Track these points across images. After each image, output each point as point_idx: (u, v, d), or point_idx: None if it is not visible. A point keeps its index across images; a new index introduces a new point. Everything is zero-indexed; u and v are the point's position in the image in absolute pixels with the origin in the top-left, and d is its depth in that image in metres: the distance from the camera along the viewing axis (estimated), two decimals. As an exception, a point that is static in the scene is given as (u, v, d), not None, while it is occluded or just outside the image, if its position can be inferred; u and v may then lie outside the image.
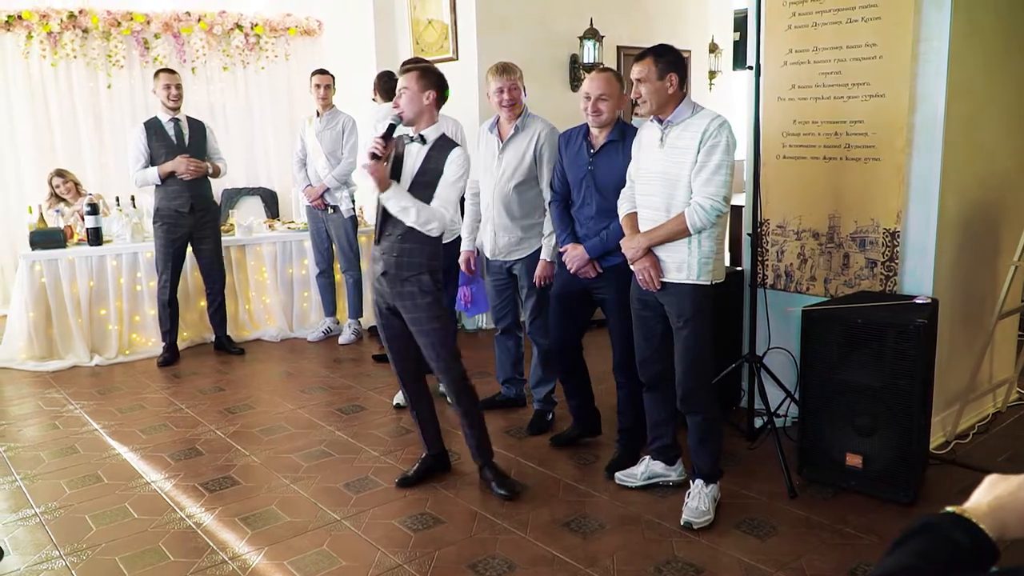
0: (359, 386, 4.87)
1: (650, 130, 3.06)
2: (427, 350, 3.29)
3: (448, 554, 2.90)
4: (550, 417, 4.11)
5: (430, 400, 3.57)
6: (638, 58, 2.97)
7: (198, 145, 5.29)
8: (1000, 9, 3.66)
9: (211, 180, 5.43)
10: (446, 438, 3.68)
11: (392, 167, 3.21)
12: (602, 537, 3.00)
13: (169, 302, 5.35)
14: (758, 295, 3.69)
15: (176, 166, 5.14)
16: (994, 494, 0.98)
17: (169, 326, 5.38)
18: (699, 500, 3.06)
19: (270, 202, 7.31)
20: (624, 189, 3.21)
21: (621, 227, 3.33)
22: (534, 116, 3.90)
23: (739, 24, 7.94)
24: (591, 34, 6.27)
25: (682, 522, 3.03)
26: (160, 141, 5.19)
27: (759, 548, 2.88)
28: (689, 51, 6.94)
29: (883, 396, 3.15)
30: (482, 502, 3.30)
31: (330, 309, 6.00)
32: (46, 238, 5.34)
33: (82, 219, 5.58)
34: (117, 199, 5.76)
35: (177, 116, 5.23)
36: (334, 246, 5.82)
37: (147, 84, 7.04)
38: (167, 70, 5.28)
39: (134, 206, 5.74)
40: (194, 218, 5.28)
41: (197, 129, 5.32)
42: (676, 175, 2.94)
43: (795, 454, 3.42)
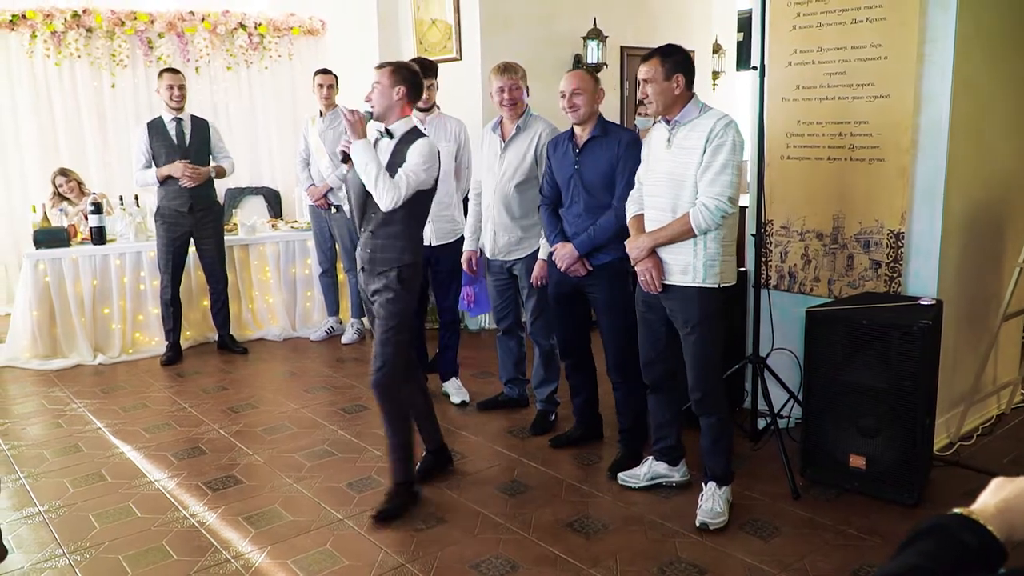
0: (362, 386, 4.87)
1: (658, 131, 3.06)
2: (377, 347, 3.23)
3: (451, 554, 2.90)
4: (553, 417, 4.11)
5: (424, 395, 3.52)
6: (645, 58, 2.97)
7: (200, 145, 5.29)
8: (1005, 9, 3.65)
9: (215, 179, 5.43)
10: (449, 437, 3.67)
11: None
12: (605, 538, 3.00)
13: (171, 301, 5.35)
14: (761, 296, 3.68)
15: (173, 170, 5.14)
16: (1001, 496, 0.98)
17: (172, 325, 5.38)
18: (713, 502, 3.05)
19: (273, 202, 7.31)
20: (632, 191, 3.21)
21: (609, 222, 3.35)
22: (536, 116, 3.90)
23: (743, 24, 7.93)
24: (595, 34, 6.27)
25: (698, 523, 3.02)
26: (161, 141, 5.20)
27: (762, 549, 2.88)
28: (693, 51, 6.93)
29: (887, 397, 3.14)
30: (485, 502, 3.29)
31: (333, 309, 6.00)
32: (50, 237, 5.35)
33: (86, 218, 5.59)
34: (121, 198, 5.76)
35: (180, 116, 5.23)
36: (337, 246, 5.82)
37: (151, 84, 7.05)
38: (170, 70, 5.28)
39: (137, 205, 5.75)
40: (194, 217, 5.29)
41: (200, 128, 5.32)
42: (682, 175, 2.93)
43: (798, 455, 3.41)
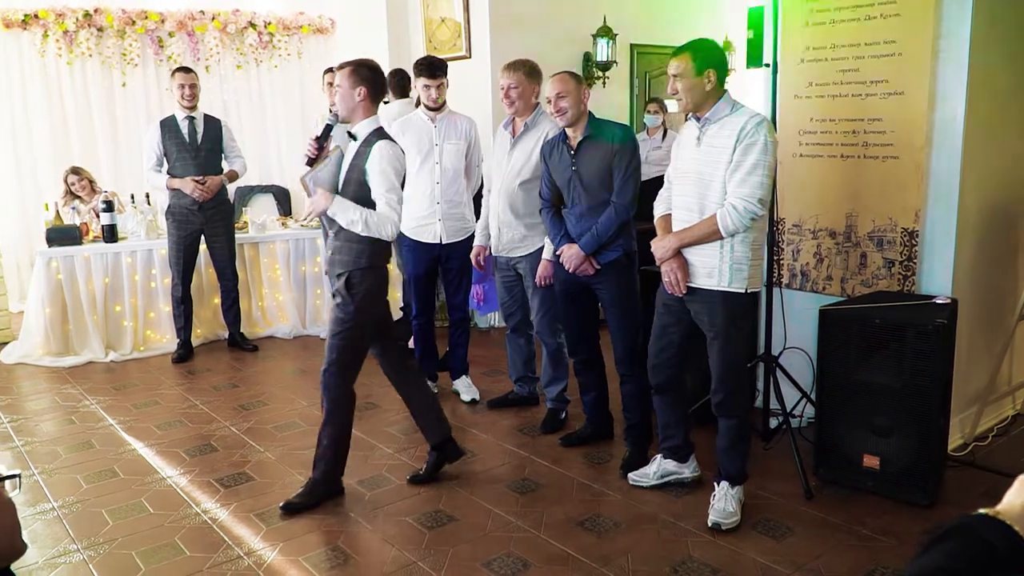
0: (372, 383, 4.85)
1: (688, 128, 3.01)
2: (325, 352, 3.23)
3: (462, 552, 2.90)
4: (563, 415, 4.10)
5: (421, 391, 3.50)
6: (676, 52, 2.90)
7: (212, 144, 5.30)
8: (1021, 5, 3.62)
9: (227, 180, 5.43)
10: (459, 435, 3.67)
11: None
12: (616, 536, 2.99)
13: (182, 299, 5.37)
14: (774, 294, 3.67)
15: (183, 186, 5.16)
16: None
17: (183, 323, 5.40)
18: (726, 501, 3.03)
19: (283, 200, 7.33)
20: (661, 190, 3.18)
21: (610, 219, 3.34)
22: (545, 115, 3.88)
23: (753, 21, 7.89)
24: (604, 32, 6.25)
25: (710, 523, 3.00)
26: (174, 139, 5.21)
27: (775, 549, 2.87)
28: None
29: (901, 397, 3.12)
30: (496, 500, 3.29)
31: (343, 307, 6.00)
32: (62, 235, 5.37)
33: (97, 216, 5.61)
34: (132, 196, 5.78)
35: (193, 115, 5.24)
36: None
37: (161, 83, 7.09)
38: (183, 69, 5.29)
39: (148, 203, 5.76)
40: (205, 215, 5.30)
41: (212, 127, 5.33)
42: (710, 175, 2.87)
43: (811, 455, 3.39)
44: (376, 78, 3.16)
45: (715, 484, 3.12)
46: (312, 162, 3.15)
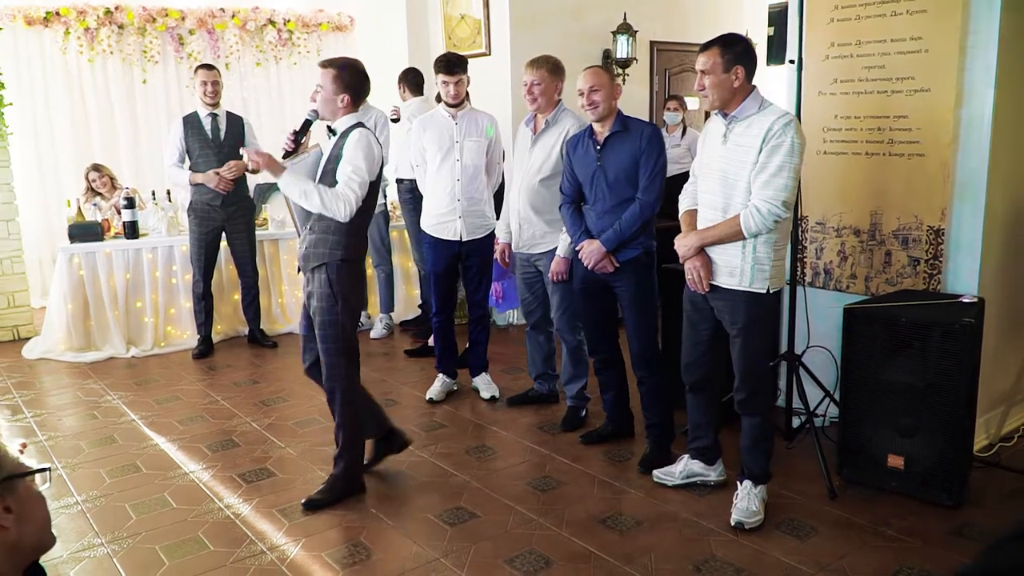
0: (391, 380, 4.88)
1: (715, 124, 2.98)
2: (321, 355, 3.20)
3: (484, 549, 2.89)
4: (583, 413, 4.09)
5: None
6: (703, 48, 2.86)
7: (234, 140, 5.31)
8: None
9: (248, 175, 5.46)
10: (479, 433, 3.66)
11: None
12: (639, 535, 2.97)
13: (203, 295, 5.40)
14: (797, 293, 3.64)
15: (207, 180, 5.18)
16: None
17: (204, 319, 5.43)
18: (749, 501, 3.02)
19: (302, 197, 7.34)
20: (687, 184, 3.16)
21: (634, 216, 3.32)
22: (567, 112, 3.87)
23: (773, 18, 7.84)
24: (624, 29, 6.23)
25: (733, 522, 2.98)
26: (196, 136, 5.24)
27: (799, 549, 2.84)
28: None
29: (927, 396, 3.09)
30: (517, 497, 3.28)
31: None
32: (84, 231, 5.41)
33: (118, 213, 5.64)
34: (153, 193, 5.82)
35: (215, 111, 5.27)
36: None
37: (182, 80, 7.14)
38: (206, 66, 5.31)
39: (169, 200, 5.79)
40: (226, 212, 5.32)
41: (234, 124, 5.35)
42: (736, 175, 2.84)
43: (834, 454, 3.37)
44: (360, 83, 3.11)
45: (738, 483, 3.10)
46: (288, 155, 3.13)
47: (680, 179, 3.44)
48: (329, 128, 3.16)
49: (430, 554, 2.86)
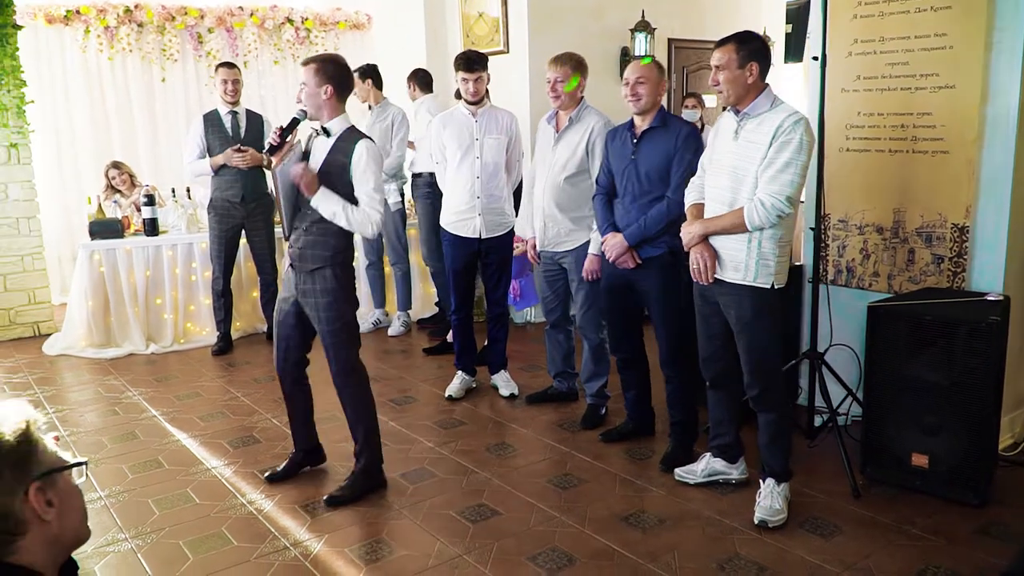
0: (410, 377, 4.89)
1: (727, 121, 2.99)
2: (327, 351, 3.23)
3: (507, 546, 2.89)
4: (603, 411, 4.08)
5: (305, 399, 3.49)
6: (719, 44, 2.88)
7: (254, 138, 5.34)
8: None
9: (266, 171, 5.48)
10: (499, 430, 3.66)
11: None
12: (661, 533, 2.97)
13: (223, 292, 5.42)
14: (820, 291, 3.62)
15: (227, 159, 5.20)
16: None
17: (223, 316, 5.45)
18: (772, 499, 3.01)
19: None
20: (693, 178, 3.16)
21: (660, 214, 3.31)
22: (591, 109, 3.86)
23: (791, 16, 7.80)
24: (642, 27, 6.22)
25: (756, 521, 2.97)
26: (216, 133, 5.26)
27: (824, 547, 2.83)
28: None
29: (951, 395, 3.07)
30: (539, 495, 3.28)
31: (379, 301, 6.04)
32: (105, 228, 5.45)
33: (138, 210, 5.68)
34: (173, 190, 5.85)
35: (235, 109, 5.29)
36: (383, 238, 5.85)
37: (200, 78, 7.17)
38: (227, 64, 5.33)
39: (189, 197, 5.82)
40: (246, 209, 5.34)
41: (254, 122, 5.37)
42: (745, 170, 2.86)
43: (858, 453, 3.35)
44: (341, 75, 3.10)
45: (760, 481, 3.09)
46: (273, 150, 3.12)
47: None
48: (324, 129, 3.13)
49: (453, 551, 2.87)
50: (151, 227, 5.52)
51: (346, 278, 3.19)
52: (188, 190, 5.87)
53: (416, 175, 5.67)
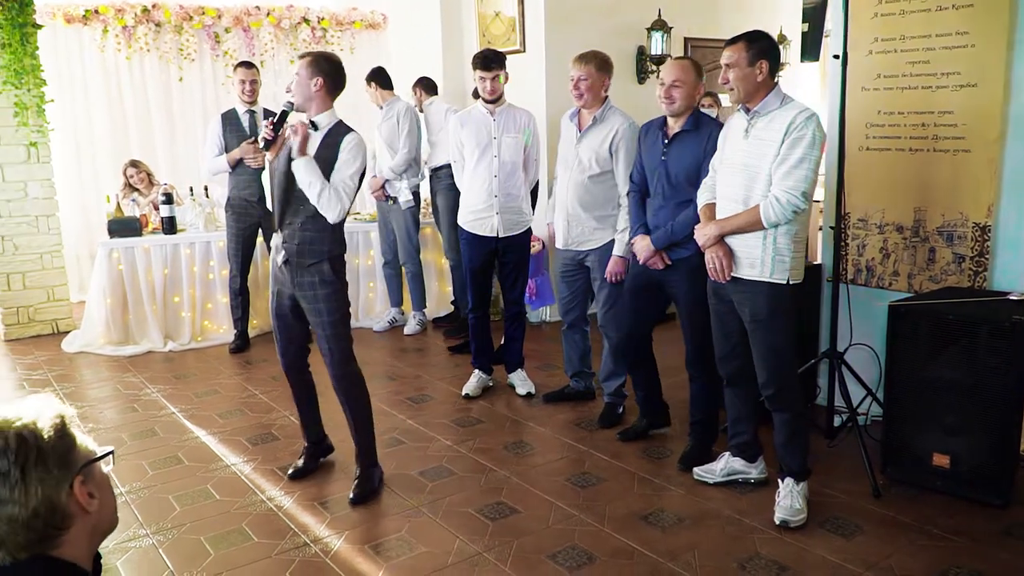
0: (427, 375, 4.90)
1: (737, 119, 3.00)
2: (320, 342, 3.27)
3: (527, 544, 2.90)
4: (620, 410, 4.08)
5: (310, 389, 3.55)
6: (730, 42, 2.90)
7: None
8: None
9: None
10: (516, 428, 3.66)
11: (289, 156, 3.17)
12: (680, 532, 2.96)
13: (240, 290, 5.45)
14: (839, 290, 3.60)
15: (243, 152, 5.22)
16: None
17: (240, 314, 5.48)
18: (792, 499, 3.00)
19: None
20: (706, 178, 3.16)
21: (688, 219, 3.30)
22: (615, 109, 3.84)
23: (808, 15, 7.77)
24: (659, 25, 6.20)
25: (777, 521, 2.96)
26: (234, 132, 5.29)
27: (845, 547, 2.82)
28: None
29: (973, 394, 3.05)
30: (557, 493, 3.28)
31: (396, 299, 6.05)
32: (123, 226, 5.48)
33: (156, 209, 5.71)
34: (191, 189, 5.88)
35: (253, 108, 5.32)
36: (395, 237, 5.85)
37: (218, 78, 7.20)
38: (246, 64, 5.35)
39: (207, 196, 5.85)
40: (262, 208, 5.35)
41: (271, 121, 5.39)
42: (757, 167, 2.87)
43: (878, 453, 3.33)
44: (334, 72, 3.13)
45: (779, 481, 3.08)
46: (268, 144, 3.13)
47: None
48: (312, 123, 3.14)
49: (472, 548, 2.87)
50: (169, 225, 5.55)
51: (342, 271, 3.25)
52: (206, 189, 5.90)
53: (437, 168, 5.68)
